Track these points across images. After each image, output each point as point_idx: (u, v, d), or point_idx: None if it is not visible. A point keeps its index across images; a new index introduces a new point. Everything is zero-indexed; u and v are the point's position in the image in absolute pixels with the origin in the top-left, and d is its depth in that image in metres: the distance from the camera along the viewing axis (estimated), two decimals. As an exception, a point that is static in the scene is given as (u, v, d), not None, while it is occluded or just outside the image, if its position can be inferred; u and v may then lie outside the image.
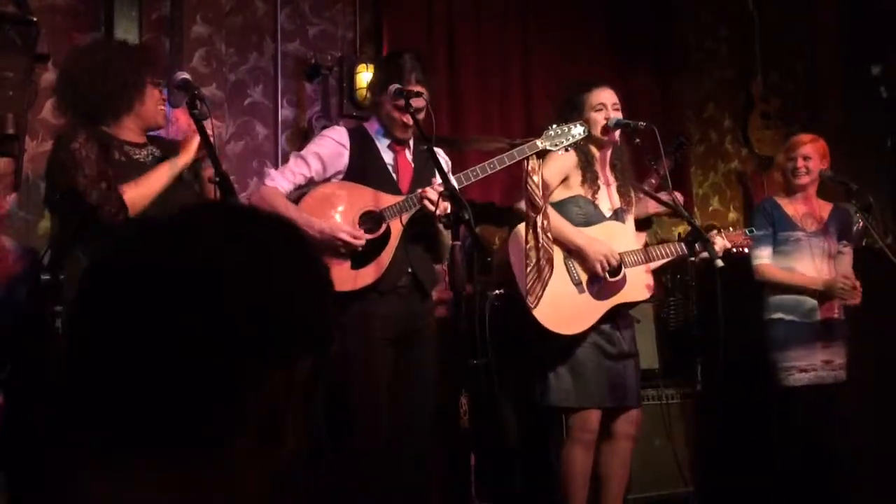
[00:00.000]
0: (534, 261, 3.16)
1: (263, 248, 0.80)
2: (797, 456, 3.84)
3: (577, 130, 3.22)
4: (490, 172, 3.13)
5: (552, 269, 3.19)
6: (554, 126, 3.21)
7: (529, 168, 3.17)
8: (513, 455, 3.84)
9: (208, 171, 2.86)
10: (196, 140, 2.83)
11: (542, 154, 3.22)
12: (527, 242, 3.19)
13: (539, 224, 3.16)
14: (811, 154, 4.00)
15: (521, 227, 3.24)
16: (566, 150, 3.23)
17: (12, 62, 3.53)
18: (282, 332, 0.77)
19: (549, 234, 3.19)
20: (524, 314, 3.23)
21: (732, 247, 3.62)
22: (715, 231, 3.62)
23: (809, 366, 3.88)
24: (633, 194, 3.58)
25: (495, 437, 3.54)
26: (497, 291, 3.36)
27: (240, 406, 0.75)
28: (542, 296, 3.18)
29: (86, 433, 0.76)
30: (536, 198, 3.16)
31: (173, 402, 0.74)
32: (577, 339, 3.31)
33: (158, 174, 2.80)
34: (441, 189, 2.99)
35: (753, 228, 3.83)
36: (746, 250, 3.76)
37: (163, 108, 2.88)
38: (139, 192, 2.75)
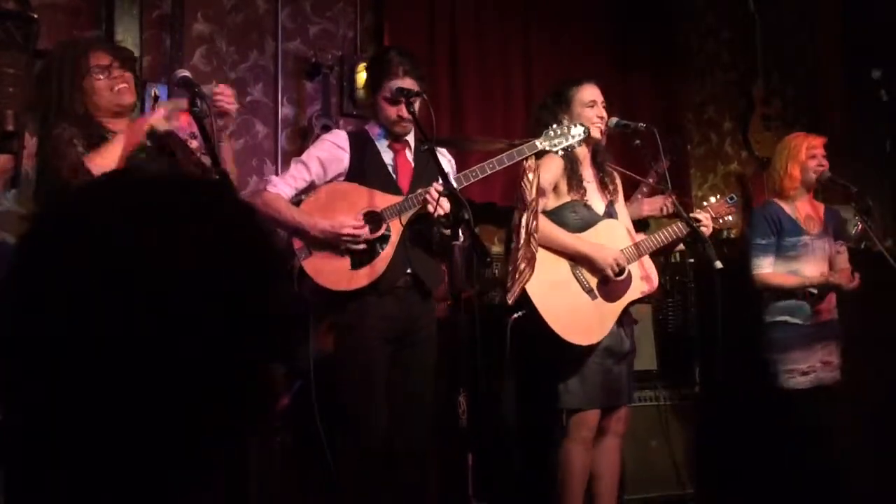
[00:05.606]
0: (517, 261, 3.17)
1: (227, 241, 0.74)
2: (796, 457, 3.84)
3: (577, 131, 3.20)
4: (489, 173, 3.13)
5: (532, 270, 3.19)
6: (554, 126, 3.20)
7: (526, 166, 3.18)
8: (511, 454, 3.84)
9: (194, 144, 2.84)
10: (162, 109, 2.80)
11: (541, 154, 3.21)
12: (512, 242, 3.20)
13: (526, 224, 3.16)
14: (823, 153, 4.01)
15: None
16: (564, 150, 3.22)
17: (12, 59, 3.53)
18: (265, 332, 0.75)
19: (535, 236, 3.20)
20: (545, 330, 3.23)
21: (719, 218, 3.58)
22: (703, 216, 3.51)
23: (810, 368, 3.87)
24: (616, 178, 3.57)
25: (493, 436, 3.53)
26: (518, 314, 3.35)
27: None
28: (518, 294, 3.18)
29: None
30: (527, 195, 3.17)
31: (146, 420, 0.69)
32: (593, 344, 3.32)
33: None
34: (442, 189, 3.00)
35: (733, 196, 3.75)
36: (730, 218, 3.67)
37: (123, 86, 2.81)
38: None
